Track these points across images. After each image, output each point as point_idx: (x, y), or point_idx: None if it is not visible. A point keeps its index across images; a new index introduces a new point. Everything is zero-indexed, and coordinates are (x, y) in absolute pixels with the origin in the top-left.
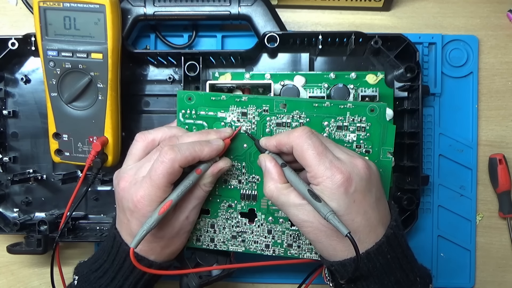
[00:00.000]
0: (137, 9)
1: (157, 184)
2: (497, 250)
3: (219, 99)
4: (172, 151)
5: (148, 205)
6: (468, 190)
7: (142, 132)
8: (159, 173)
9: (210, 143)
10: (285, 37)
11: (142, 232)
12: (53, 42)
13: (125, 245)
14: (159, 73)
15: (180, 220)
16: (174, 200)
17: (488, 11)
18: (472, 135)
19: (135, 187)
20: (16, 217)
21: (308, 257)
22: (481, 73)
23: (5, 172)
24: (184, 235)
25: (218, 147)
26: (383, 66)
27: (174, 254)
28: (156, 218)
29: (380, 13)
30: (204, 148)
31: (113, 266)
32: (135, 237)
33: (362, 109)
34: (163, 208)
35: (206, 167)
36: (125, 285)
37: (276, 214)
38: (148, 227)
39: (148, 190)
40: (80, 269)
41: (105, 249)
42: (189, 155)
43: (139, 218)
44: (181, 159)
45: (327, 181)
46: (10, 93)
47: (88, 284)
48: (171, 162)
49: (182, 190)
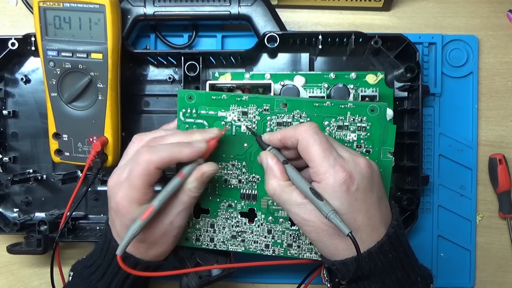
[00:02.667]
0: (137, 9)
1: (134, 186)
2: (497, 250)
3: (219, 98)
4: (148, 152)
5: (128, 206)
6: (468, 190)
7: (139, 134)
8: (135, 175)
9: (191, 144)
10: (285, 37)
11: (126, 239)
12: (53, 42)
13: (114, 241)
14: (159, 73)
15: (164, 225)
16: (156, 206)
17: (488, 11)
18: (472, 135)
19: (118, 187)
20: (16, 217)
21: (308, 257)
22: (481, 73)
23: (5, 172)
24: (170, 239)
25: (199, 149)
26: (383, 66)
27: (161, 256)
28: (139, 225)
29: (380, 13)
30: (183, 150)
31: (104, 262)
32: (121, 244)
33: (363, 109)
34: (145, 214)
35: (189, 170)
36: (114, 281)
37: (276, 214)
38: (132, 234)
39: (126, 191)
40: (76, 266)
41: (99, 245)
42: (166, 156)
43: (120, 218)
44: (157, 160)
45: (330, 178)
46: (10, 93)
47: (81, 280)
48: (146, 164)
49: (165, 196)
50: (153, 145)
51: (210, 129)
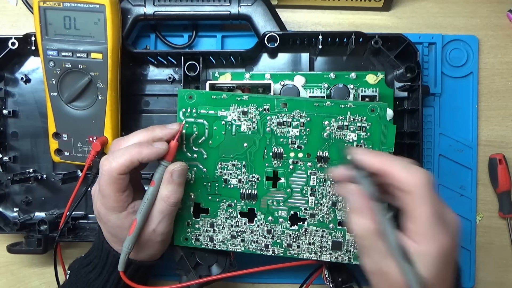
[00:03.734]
0: (137, 9)
1: (105, 195)
2: (497, 250)
3: (219, 97)
4: (107, 161)
5: (106, 214)
6: (468, 190)
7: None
8: (102, 184)
9: (150, 145)
10: (285, 37)
11: (122, 255)
12: (53, 42)
13: (106, 243)
14: (159, 73)
15: (147, 233)
16: (139, 218)
17: (488, 11)
18: (472, 135)
19: (96, 197)
20: (16, 217)
21: (307, 257)
22: (481, 73)
23: (5, 172)
24: (155, 245)
25: (158, 150)
26: (383, 66)
27: (153, 257)
28: (129, 240)
29: (380, 13)
30: (142, 150)
31: (100, 261)
32: (120, 261)
33: (363, 108)
34: (131, 229)
35: (159, 176)
36: (110, 280)
37: (275, 213)
38: (126, 251)
39: (101, 200)
40: (73, 264)
41: (94, 244)
42: (125, 161)
43: (103, 225)
44: (117, 167)
45: (432, 245)
46: (10, 93)
47: (78, 278)
48: (108, 173)
49: (144, 207)
50: (112, 152)
51: (170, 124)
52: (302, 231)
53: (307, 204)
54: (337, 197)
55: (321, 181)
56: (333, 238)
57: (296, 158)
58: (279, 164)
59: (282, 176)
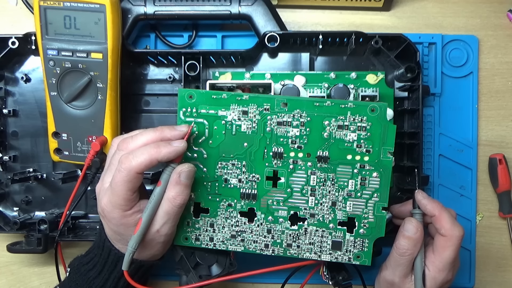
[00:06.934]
0: (138, 9)
1: (116, 192)
2: (497, 250)
3: (220, 97)
4: (127, 159)
5: (111, 212)
6: (468, 190)
7: (117, 137)
8: (117, 182)
9: (169, 144)
10: (285, 37)
11: (127, 255)
12: (53, 41)
13: (108, 241)
14: (159, 72)
15: (151, 233)
16: (144, 218)
17: (488, 11)
18: (472, 135)
19: (102, 194)
20: (16, 216)
21: (307, 257)
22: (481, 73)
23: (5, 171)
24: (158, 245)
25: (177, 149)
26: (383, 66)
27: (154, 257)
28: (134, 239)
29: (380, 13)
30: (161, 150)
31: (101, 259)
32: (124, 260)
33: (363, 108)
34: (136, 228)
35: (166, 177)
36: (111, 278)
37: (275, 213)
38: (131, 250)
39: (110, 197)
40: (73, 262)
41: (95, 243)
42: (145, 160)
43: (107, 222)
44: (137, 165)
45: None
46: (10, 92)
47: (78, 276)
48: (127, 171)
49: (151, 206)
50: (132, 150)
51: (179, 126)
52: (302, 231)
53: (307, 204)
54: (337, 197)
55: (321, 181)
56: (333, 238)
57: (296, 158)
58: (279, 164)
59: (282, 176)
